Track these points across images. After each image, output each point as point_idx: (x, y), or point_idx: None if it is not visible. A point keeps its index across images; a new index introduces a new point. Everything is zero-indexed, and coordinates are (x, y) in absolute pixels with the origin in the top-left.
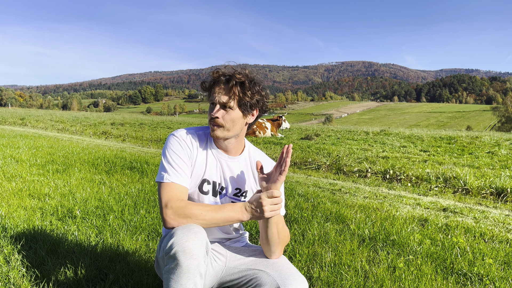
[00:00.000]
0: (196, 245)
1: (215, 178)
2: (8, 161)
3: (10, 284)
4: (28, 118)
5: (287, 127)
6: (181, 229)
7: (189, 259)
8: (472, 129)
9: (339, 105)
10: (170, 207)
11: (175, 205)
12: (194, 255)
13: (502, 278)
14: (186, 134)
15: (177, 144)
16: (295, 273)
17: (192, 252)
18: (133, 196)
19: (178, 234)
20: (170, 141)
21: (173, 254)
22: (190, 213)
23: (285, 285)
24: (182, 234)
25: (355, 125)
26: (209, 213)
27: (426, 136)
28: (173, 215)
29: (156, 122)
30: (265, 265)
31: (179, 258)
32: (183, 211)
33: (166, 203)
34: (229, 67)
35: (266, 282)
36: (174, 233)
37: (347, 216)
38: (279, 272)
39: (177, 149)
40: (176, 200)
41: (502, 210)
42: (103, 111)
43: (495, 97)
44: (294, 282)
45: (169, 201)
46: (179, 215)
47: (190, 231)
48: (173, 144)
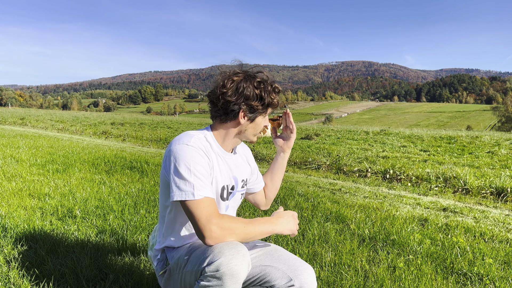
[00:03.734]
0: (243, 270)
1: (227, 181)
2: (8, 161)
3: (10, 284)
4: (28, 118)
5: None
6: (228, 249)
7: (234, 283)
8: (472, 129)
9: (339, 105)
10: (215, 223)
11: (219, 220)
12: (240, 279)
13: (502, 278)
14: (199, 142)
15: (196, 154)
16: (303, 263)
17: (239, 277)
18: (133, 196)
19: (226, 255)
20: (186, 152)
21: (220, 276)
22: (234, 227)
23: (296, 276)
24: (231, 256)
25: (355, 125)
26: (249, 226)
27: (426, 136)
28: (219, 231)
29: (156, 122)
30: (271, 260)
31: (225, 281)
32: (227, 225)
33: (209, 219)
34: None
35: (277, 277)
36: (219, 251)
37: (347, 216)
38: (288, 264)
39: (198, 160)
40: (217, 215)
41: (502, 209)
42: (103, 111)
43: (495, 97)
44: (304, 272)
45: (211, 217)
46: (224, 230)
47: (239, 253)
48: (192, 155)
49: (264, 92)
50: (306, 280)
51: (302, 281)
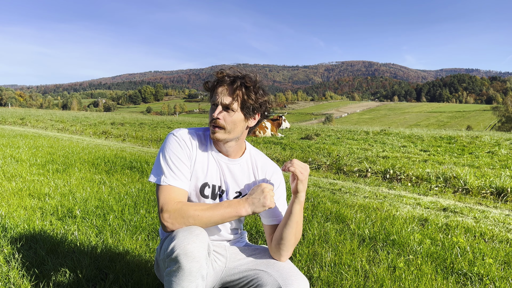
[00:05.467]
0: (198, 248)
1: (215, 181)
2: (8, 160)
3: (10, 284)
4: (28, 117)
5: (287, 127)
6: (182, 231)
7: (191, 262)
8: (472, 128)
9: (339, 104)
10: (166, 211)
11: (172, 208)
12: (196, 257)
13: (502, 278)
14: (185, 134)
15: (176, 144)
16: (297, 273)
17: (194, 255)
18: (133, 196)
19: (179, 237)
20: (169, 141)
21: (175, 257)
22: (187, 214)
23: (286, 285)
24: (184, 237)
25: (355, 124)
26: (206, 213)
27: (426, 136)
28: (170, 219)
29: (156, 121)
30: (266, 265)
31: (181, 261)
32: (179, 213)
33: (162, 207)
34: (234, 69)
35: (268, 283)
36: (175, 235)
37: (347, 216)
38: (280, 272)
39: (176, 150)
40: (172, 203)
41: (502, 209)
42: (103, 110)
43: (495, 96)
44: (295, 282)
45: (165, 204)
46: (176, 218)
47: (192, 233)
48: (172, 144)
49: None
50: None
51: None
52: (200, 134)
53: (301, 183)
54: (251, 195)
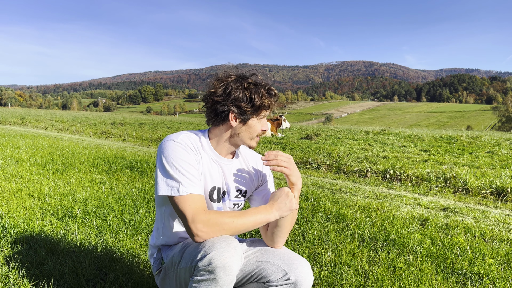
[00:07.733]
0: (235, 262)
1: (219, 184)
2: (8, 160)
3: (10, 284)
4: (28, 117)
5: (287, 127)
6: (220, 242)
7: (227, 275)
8: (472, 128)
9: (339, 104)
10: (199, 221)
11: (204, 218)
12: (232, 272)
13: (502, 278)
14: (187, 139)
15: (182, 151)
16: (297, 256)
17: (232, 269)
18: (133, 196)
19: (217, 248)
20: (172, 148)
21: (212, 269)
22: (222, 222)
23: (292, 270)
24: (222, 249)
25: (355, 124)
26: (239, 220)
27: (426, 136)
28: (205, 228)
29: (156, 121)
30: (266, 256)
31: (218, 274)
32: (214, 221)
33: (194, 218)
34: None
35: (273, 271)
36: (212, 246)
37: (347, 216)
38: (283, 259)
39: (184, 156)
40: (203, 213)
41: (502, 209)
42: (103, 110)
43: (495, 96)
44: (299, 265)
45: (196, 215)
46: (210, 228)
47: (230, 246)
48: (177, 151)
49: (255, 93)
50: (301, 273)
51: (297, 274)
52: (198, 137)
53: (292, 176)
54: (276, 201)
